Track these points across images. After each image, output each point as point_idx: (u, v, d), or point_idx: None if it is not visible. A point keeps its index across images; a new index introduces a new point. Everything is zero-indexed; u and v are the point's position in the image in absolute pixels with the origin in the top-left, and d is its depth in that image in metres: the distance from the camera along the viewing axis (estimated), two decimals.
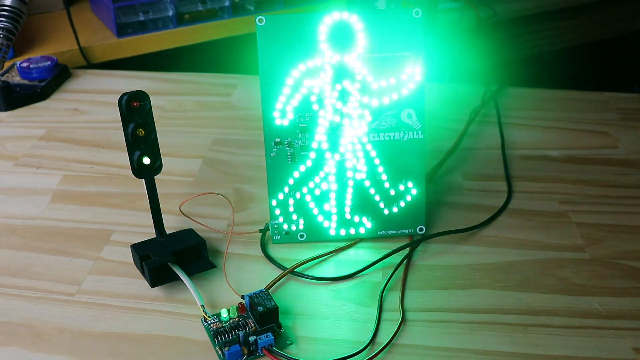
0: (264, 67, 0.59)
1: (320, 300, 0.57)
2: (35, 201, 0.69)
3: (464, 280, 0.60)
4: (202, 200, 0.69)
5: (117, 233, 0.65)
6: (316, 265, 0.61)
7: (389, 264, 0.61)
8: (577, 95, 0.93)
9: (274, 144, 0.60)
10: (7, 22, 0.84)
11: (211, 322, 0.53)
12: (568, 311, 0.56)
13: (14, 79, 0.91)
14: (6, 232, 0.65)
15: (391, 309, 0.56)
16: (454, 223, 0.67)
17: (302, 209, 0.62)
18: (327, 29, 0.58)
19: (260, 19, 0.58)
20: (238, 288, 0.57)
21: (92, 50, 1.03)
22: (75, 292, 0.58)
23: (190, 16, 1.08)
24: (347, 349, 0.52)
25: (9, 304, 0.56)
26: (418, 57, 0.60)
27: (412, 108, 0.61)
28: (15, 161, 0.76)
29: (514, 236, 0.65)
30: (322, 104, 0.60)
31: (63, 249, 0.63)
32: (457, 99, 0.91)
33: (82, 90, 0.93)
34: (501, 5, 1.23)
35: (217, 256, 0.62)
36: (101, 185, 0.72)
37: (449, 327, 0.55)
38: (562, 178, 0.74)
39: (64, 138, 0.81)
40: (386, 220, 0.63)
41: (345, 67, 0.59)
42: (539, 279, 0.60)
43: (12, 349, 0.52)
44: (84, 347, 0.52)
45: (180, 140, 0.81)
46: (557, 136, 0.83)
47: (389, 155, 0.62)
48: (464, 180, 0.74)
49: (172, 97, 0.91)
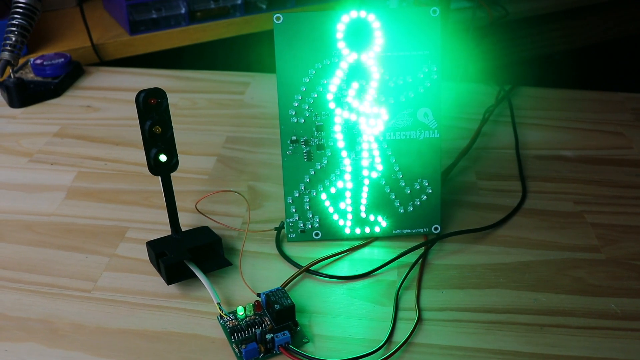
0: (281, 65, 0.59)
1: (336, 299, 0.57)
2: (50, 197, 0.70)
3: (480, 279, 0.60)
4: (216, 198, 0.69)
5: (132, 230, 0.65)
6: (331, 264, 0.61)
7: (404, 263, 0.61)
8: (591, 96, 0.92)
9: (291, 142, 0.60)
10: (21, 19, 0.85)
11: (227, 320, 0.53)
12: (584, 312, 0.56)
13: (27, 75, 0.91)
14: (22, 228, 0.65)
15: (407, 308, 0.56)
16: (469, 222, 0.66)
17: (318, 207, 0.62)
18: (345, 28, 0.58)
19: (278, 17, 0.58)
20: (253, 286, 0.57)
21: (105, 48, 1.03)
22: (91, 289, 0.58)
23: (202, 14, 1.09)
24: (363, 347, 0.52)
25: (26, 300, 0.56)
26: (435, 56, 0.60)
27: (429, 107, 0.61)
28: (30, 157, 0.76)
29: (528, 236, 0.65)
30: (339, 102, 0.60)
31: (78, 246, 0.63)
32: (470, 98, 0.91)
33: (95, 87, 0.93)
34: (513, 4, 1.23)
35: (232, 254, 0.62)
36: (115, 182, 0.72)
37: (465, 326, 0.55)
38: (577, 178, 0.74)
39: (78, 135, 0.81)
40: (401, 219, 0.63)
41: (362, 66, 0.59)
42: (554, 279, 0.60)
43: (29, 344, 0.52)
44: (101, 344, 0.52)
45: (193, 137, 0.81)
46: (571, 136, 0.82)
47: (405, 154, 0.61)
48: (478, 179, 0.74)
49: (185, 95, 0.91)
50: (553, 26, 1.33)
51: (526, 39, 1.32)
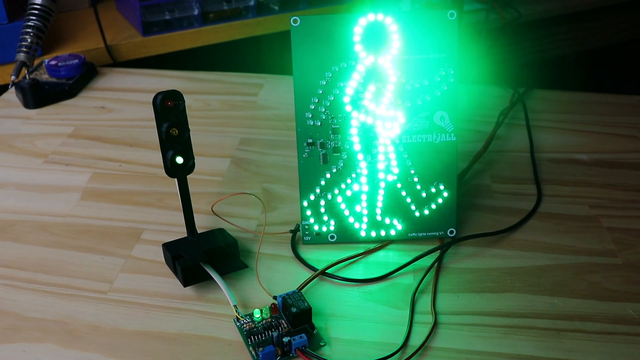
0: (298, 67, 0.59)
1: (351, 302, 0.57)
2: (65, 198, 0.70)
3: (496, 283, 0.59)
4: (230, 200, 0.69)
5: (147, 232, 0.65)
6: (346, 267, 0.61)
7: (420, 267, 0.61)
8: (606, 99, 0.92)
9: (307, 144, 0.60)
10: (37, 20, 0.85)
11: (244, 322, 0.53)
12: (601, 317, 0.56)
13: (42, 76, 0.92)
14: (37, 229, 0.65)
15: (423, 312, 0.56)
16: (484, 226, 0.66)
17: (333, 210, 0.62)
18: (362, 30, 0.58)
19: (295, 19, 0.57)
20: (269, 288, 0.57)
21: (118, 49, 1.03)
22: (107, 290, 0.58)
23: (215, 15, 1.09)
24: (379, 351, 0.52)
25: (42, 301, 0.57)
26: (452, 59, 0.59)
27: (445, 110, 0.61)
28: (45, 158, 0.77)
29: (544, 240, 0.65)
30: (356, 105, 0.60)
31: (94, 247, 0.63)
32: (483, 100, 0.90)
33: (109, 88, 0.93)
34: (526, 6, 1.23)
35: (247, 256, 0.62)
36: (130, 184, 0.72)
37: (481, 330, 0.55)
38: (592, 182, 0.74)
39: (92, 136, 0.81)
40: (417, 222, 0.63)
41: (379, 69, 0.59)
42: (570, 284, 0.59)
43: (46, 345, 0.52)
44: (117, 345, 0.52)
45: (207, 139, 0.81)
46: (586, 139, 0.82)
47: (421, 157, 0.61)
48: (492, 183, 0.73)
49: (199, 96, 0.91)
50: (566, 28, 1.33)
51: (539, 40, 1.32)
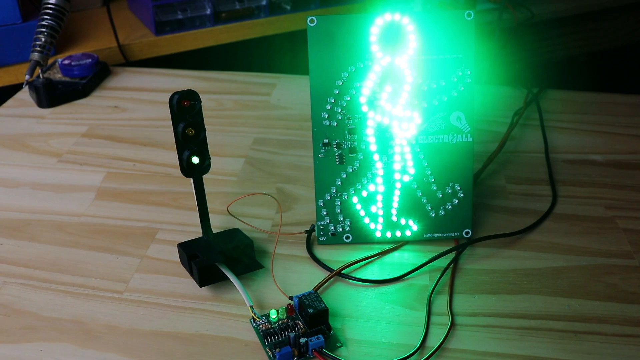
0: (314, 67, 0.58)
1: (367, 303, 0.57)
2: (79, 198, 0.70)
3: (512, 285, 0.59)
4: (245, 200, 0.69)
5: (162, 232, 0.65)
6: (361, 268, 0.61)
7: (435, 268, 0.61)
8: (621, 99, 0.91)
9: (323, 145, 0.60)
10: (51, 19, 0.85)
11: (260, 323, 0.53)
12: (619, 319, 0.56)
13: (55, 76, 0.92)
14: (52, 228, 0.65)
15: (439, 313, 0.56)
16: (499, 227, 0.66)
17: (349, 211, 0.62)
18: (379, 31, 0.57)
19: (312, 19, 0.57)
20: (284, 289, 0.57)
21: (130, 48, 1.04)
22: (123, 290, 0.58)
23: (227, 15, 1.09)
24: (396, 352, 0.52)
25: (59, 300, 0.57)
26: (469, 59, 0.59)
27: (462, 111, 0.60)
28: (59, 158, 0.77)
29: (560, 241, 0.64)
30: (372, 105, 0.59)
31: (109, 247, 0.63)
32: (497, 101, 0.90)
33: (122, 87, 0.94)
34: (539, 6, 1.22)
35: (262, 256, 0.62)
36: (144, 183, 0.73)
37: (498, 332, 0.54)
38: (607, 183, 0.73)
39: (106, 135, 0.82)
40: (432, 223, 0.63)
41: (396, 69, 0.59)
42: (587, 286, 0.59)
43: (63, 344, 0.52)
44: (134, 345, 0.52)
45: (221, 139, 0.81)
46: (600, 140, 0.82)
47: (437, 158, 0.61)
48: (507, 183, 0.73)
49: (212, 96, 0.91)
50: (579, 27, 1.32)
51: (552, 40, 1.31)
